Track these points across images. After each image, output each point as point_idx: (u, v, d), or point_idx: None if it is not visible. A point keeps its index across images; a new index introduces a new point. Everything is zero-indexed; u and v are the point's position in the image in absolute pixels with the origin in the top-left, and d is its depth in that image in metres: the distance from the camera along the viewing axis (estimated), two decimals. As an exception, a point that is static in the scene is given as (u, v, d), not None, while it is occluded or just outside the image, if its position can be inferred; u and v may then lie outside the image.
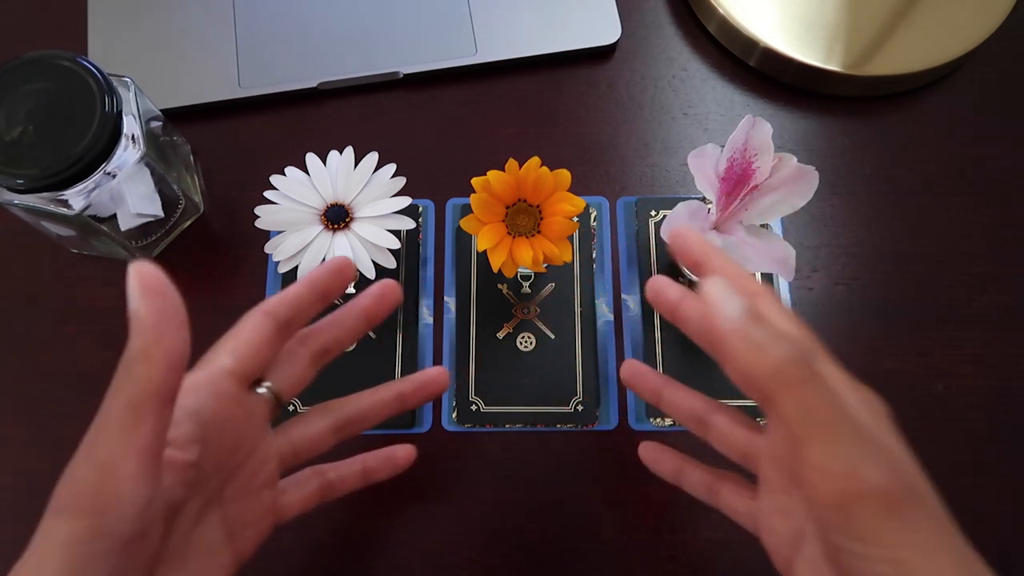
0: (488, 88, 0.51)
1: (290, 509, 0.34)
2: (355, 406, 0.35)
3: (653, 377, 0.34)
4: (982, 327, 0.46)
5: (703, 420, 0.32)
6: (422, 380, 0.36)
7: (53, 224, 0.41)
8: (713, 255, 0.29)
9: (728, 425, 0.31)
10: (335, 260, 0.33)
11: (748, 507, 0.30)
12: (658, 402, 0.34)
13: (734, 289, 0.23)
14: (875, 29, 0.49)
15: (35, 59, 0.39)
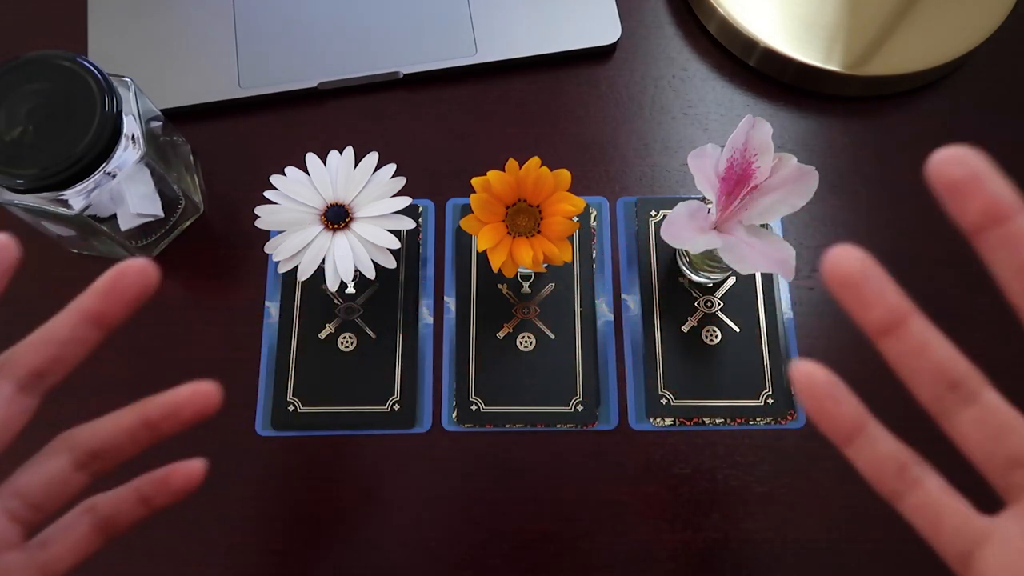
0: (488, 88, 0.51)
1: (61, 563, 0.27)
2: (95, 435, 0.28)
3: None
4: (982, 327, 0.46)
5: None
6: (175, 401, 0.28)
7: (53, 224, 0.41)
8: None
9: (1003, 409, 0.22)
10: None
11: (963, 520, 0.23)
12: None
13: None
14: (875, 29, 0.49)
15: (35, 59, 0.39)
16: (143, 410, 0.28)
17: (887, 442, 0.23)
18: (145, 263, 0.26)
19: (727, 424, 0.44)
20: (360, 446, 0.44)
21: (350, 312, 0.46)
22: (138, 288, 0.26)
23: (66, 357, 0.26)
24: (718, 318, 0.46)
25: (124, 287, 0.26)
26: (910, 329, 0.21)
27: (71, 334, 0.26)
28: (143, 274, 0.26)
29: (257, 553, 0.42)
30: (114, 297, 0.26)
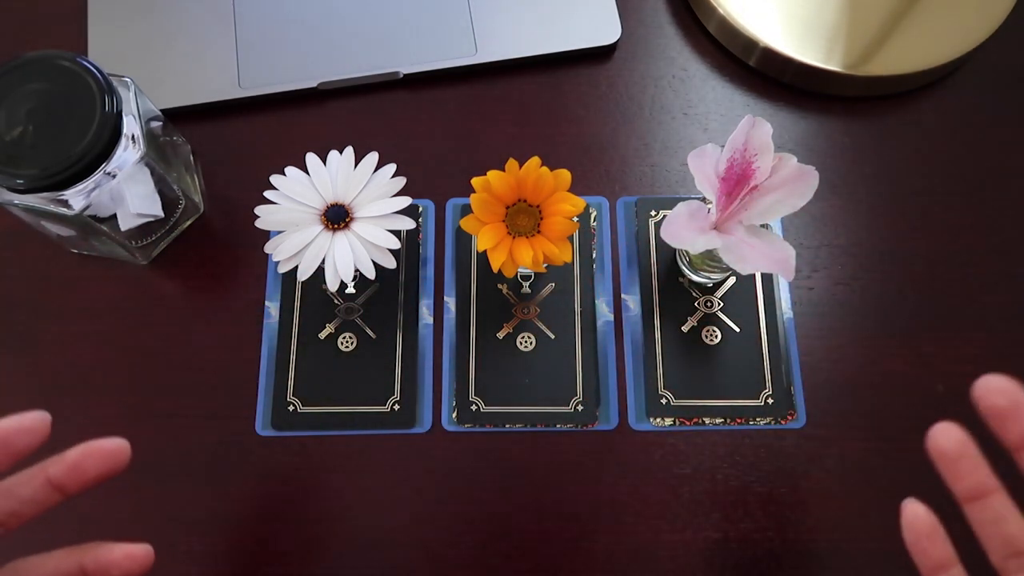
0: (488, 88, 0.51)
1: None
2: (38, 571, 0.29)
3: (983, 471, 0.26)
4: (982, 327, 0.46)
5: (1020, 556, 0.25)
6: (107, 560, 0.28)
7: (53, 224, 0.41)
8: None
9: None
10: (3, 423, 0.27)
11: None
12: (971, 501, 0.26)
13: None
14: (875, 29, 0.49)
15: (35, 59, 0.39)
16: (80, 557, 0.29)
17: None
18: (118, 445, 0.28)
19: (727, 424, 0.44)
20: (360, 446, 0.44)
21: (350, 312, 0.46)
22: (105, 469, 0.28)
23: (23, 513, 0.28)
24: (718, 318, 0.46)
25: (89, 467, 0.28)
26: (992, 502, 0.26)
27: (32, 495, 0.28)
28: (113, 457, 0.28)
29: (257, 553, 0.42)
30: (79, 473, 0.28)
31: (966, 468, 0.26)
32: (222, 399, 0.45)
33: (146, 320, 0.46)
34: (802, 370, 0.45)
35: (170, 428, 0.44)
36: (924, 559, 0.27)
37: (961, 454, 0.26)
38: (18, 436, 0.28)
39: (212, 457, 0.44)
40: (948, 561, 0.27)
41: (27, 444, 0.28)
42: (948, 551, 0.27)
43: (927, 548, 0.27)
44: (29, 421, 0.28)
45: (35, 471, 0.28)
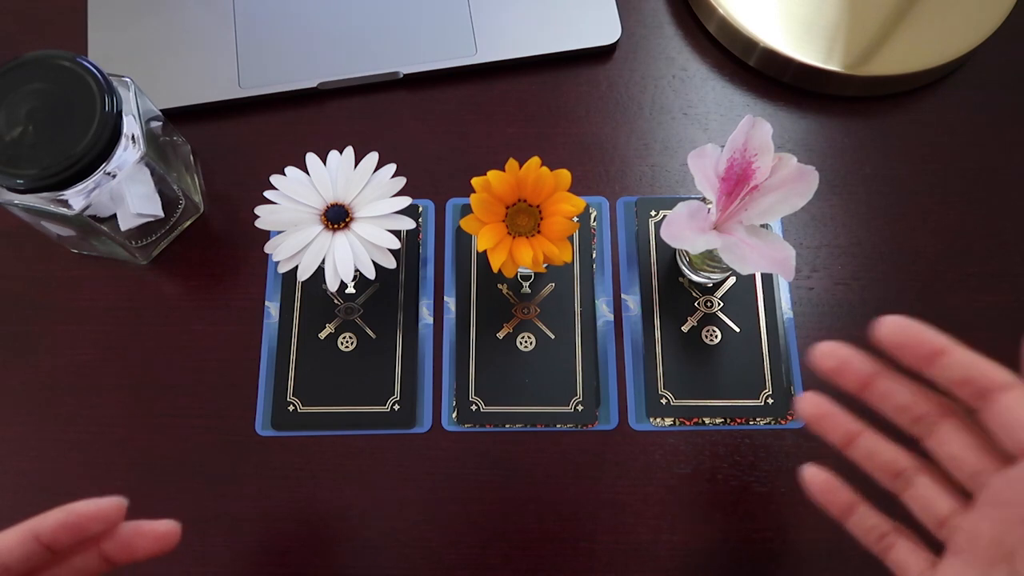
0: (488, 88, 0.51)
1: None
2: None
3: (846, 420, 0.31)
4: (982, 327, 0.46)
5: (902, 475, 0.30)
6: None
7: (53, 224, 0.41)
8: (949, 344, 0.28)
9: (932, 488, 0.29)
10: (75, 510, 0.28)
11: (921, 571, 0.29)
12: (847, 447, 0.31)
13: None
14: (875, 29, 0.49)
15: (35, 59, 0.39)
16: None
17: (872, 518, 0.31)
18: (168, 529, 0.30)
19: (727, 424, 0.44)
20: (360, 446, 0.44)
21: (350, 312, 0.46)
22: (153, 550, 0.30)
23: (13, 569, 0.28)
24: (718, 318, 0.46)
25: (139, 546, 0.29)
26: (860, 443, 0.30)
27: (84, 563, 0.29)
28: (163, 540, 0.30)
29: (257, 553, 0.42)
30: (130, 552, 0.29)
31: (831, 424, 0.31)
32: (222, 399, 0.45)
33: (146, 320, 0.46)
34: (802, 370, 0.45)
35: (170, 428, 0.44)
36: (833, 508, 0.32)
37: (823, 414, 0.31)
38: (93, 523, 0.28)
39: (212, 457, 0.44)
40: (853, 503, 0.31)
41: (99, 530, 0.29)
42: (850, 496, 0.31)
43: (832, 499, 0.31)
44: (106, 508, 0.28)
45: (90, 542, 0.29)
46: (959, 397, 0.28)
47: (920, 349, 0.28)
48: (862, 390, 0.30)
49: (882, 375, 0.29)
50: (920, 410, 0.29)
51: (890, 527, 0.30)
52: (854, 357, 0.30)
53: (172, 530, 0.30)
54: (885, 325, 0.29)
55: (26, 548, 0.27)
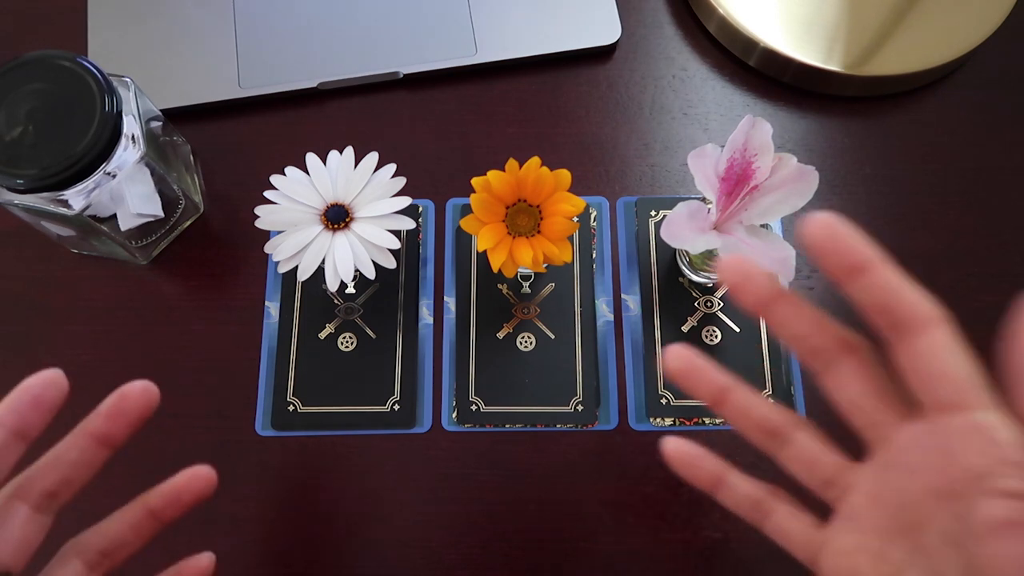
0: (488, 88, 0.51)
1: None
2: (103, 535, 0.30)
3: (714, 375, 0.28)
4: (982, 327, 0.45)
5: (779, 434, 0.27)
6: (174, 489, 0.30)
7: (53, 224, 0.41)
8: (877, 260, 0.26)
9: (813, 444, 0.27)
10: (21, 387, 0.27)
11: (808, 537, 0.27)
12: (718, 405, 0.29)
13: None
14: (875, 29, 0.49)
15: (35, 59, 0.39)
16: (145, 502, 0.30)
17: (744, 485, 0.29)
18: (145, 385, 0.29)
19: (727, 424, 0.44)
20: (360, 446, 0.44)
21: (350, 312, 0.46)
22: (140, 409, 0.29)
23: (76, 478, 0.29)
24: (718, 318, 0.46)
25: (127, 409, 0.28)
26: (731, 399, 0.28)
27: (80, 456, 0.29)
28: (144, 395, 0.29)
29: (257, 553, 0.42)
30: (119, 419, 0.28)
31: (698, 379, 0.28)
32: (222, 399, 0.45)
33: (146, 320, 0.46)
34: (802, 370, 0.45)
35: (170, 428, 0.44)
36: (701, 482, 0.29)
37: (689, 369, 0.28)
38: (44, 389, 0.27)
39: (212, 457, 0.43)
40: (721, 473, 0.29)
41: (54, 397, 0.28)
42: (716, 464, 0.29)
43: (697, 472, 0.29)
44: (48, 375, 0.28)
45: (76, 433, 0.29)
46: (875, 325, 0.25)
47: (845, 258, 0.26)
48: (763, 308, 0.26)
49: (784, 298, 0.26)
50: (818, 342, 0.26)
51: (765, 492, 0.28)
52: (759, 275, 0.27)
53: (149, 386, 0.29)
54: (814, 221, 0.26)
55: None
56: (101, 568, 0.30)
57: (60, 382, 0.28)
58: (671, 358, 0.28)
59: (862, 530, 0.25)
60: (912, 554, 0.23)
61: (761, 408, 0.28)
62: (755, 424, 0.28)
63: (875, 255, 0.26)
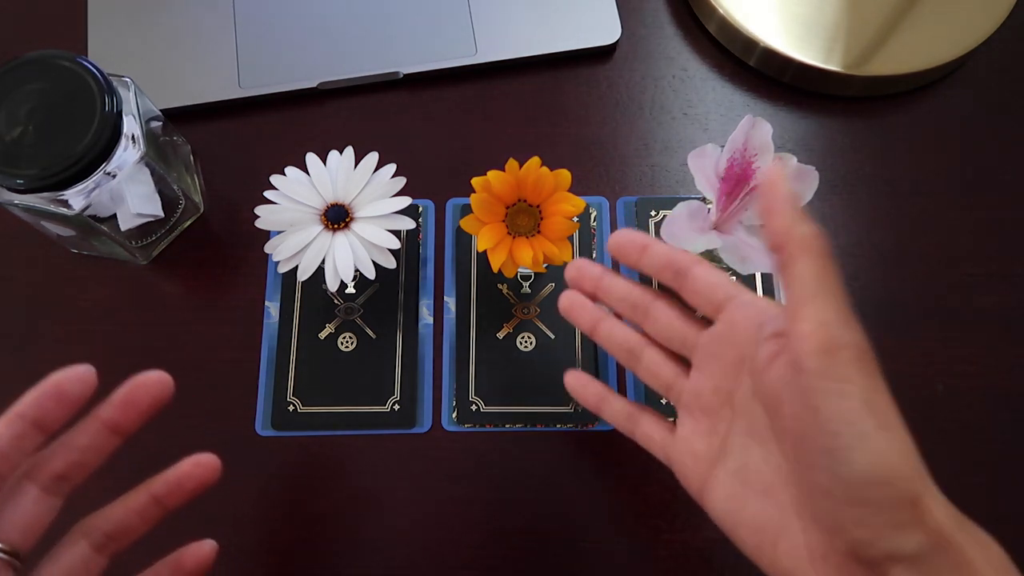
0: (488, 88, 0.51)
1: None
2: (109, 519, 0.30)
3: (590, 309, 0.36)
4: (982, 327, 0.46)
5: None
6: (178, 476, 0.31)
7: (53, 224, 0.41)
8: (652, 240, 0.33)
9: (657, 357, 0.34)
10: (48, 380, 0.28)
11: (664, 437, 0.33)
12: (593, 334, 0.36)
13: None
14: (875, 29, 0.49)
15: (35, 59, 0.39)
16: (150, 489, 0.31)
17: (619, 403, 0.36)
18: (160, 375, 0.30)
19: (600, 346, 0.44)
20: (360, 446, 0.44)
21: (350, 312, 0.46)
22: (153, 399, 0.30)
23: (86, 462, 0.29)
24: (718, 318, 0.45)
25: (139, 399, 0.29)
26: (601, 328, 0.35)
27: (90, 442, 0.29)
28: (158, 385, 0.30)
29: (257, 553, 0.42)
30: (131, 408, 0.29)
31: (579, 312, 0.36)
32: (222, 399, 0.45)
33: (146, 320, 0.46)
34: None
35: (170, 428, 0.44)
36: (588, 402, 0.36)
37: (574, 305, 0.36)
38: (71, 384, 0.28)
39: (212, 457, 0.44)
40: (603, 395, 0.36)
41: (79, 392, 0.28)
42: (600, 388, 0.36)
43: (586, 394, 0.36)
44: (78, 370, 0.28)
45: (88, 419, 0.29)
46: (665, 282, 0.33)
47: (632, 247, 0.33)
48: (596, 290, 0.35)
49: (607, 275, 0.35)
50: (635, 298, 0.34)
51: (634, 408, 0.35)
52: (587, 264, 0.35)
53: (164, 377, 0.30)
54: (610, 238, 0.34)
55: (14, 429, 0.27)
56: (107, 550, 0.30)
57: (88, 379, 0.28)
58: (562, 298, 0.36)
59: (694, 417, 0.32)
60: (731, 420, 0.30)
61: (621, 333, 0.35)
62: (617, 346, 0.35)
63: (649, 238, 0.33)
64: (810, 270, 0.27)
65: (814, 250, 0.27)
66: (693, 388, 0.32)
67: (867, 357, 0.26)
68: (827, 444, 0.25)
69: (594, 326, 0.36)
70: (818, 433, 0.25)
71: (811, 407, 0.25)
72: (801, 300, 0.26)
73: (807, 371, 0.25)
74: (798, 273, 0.27)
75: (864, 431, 0.24)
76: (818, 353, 0.25)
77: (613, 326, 0.35)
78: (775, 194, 0.28)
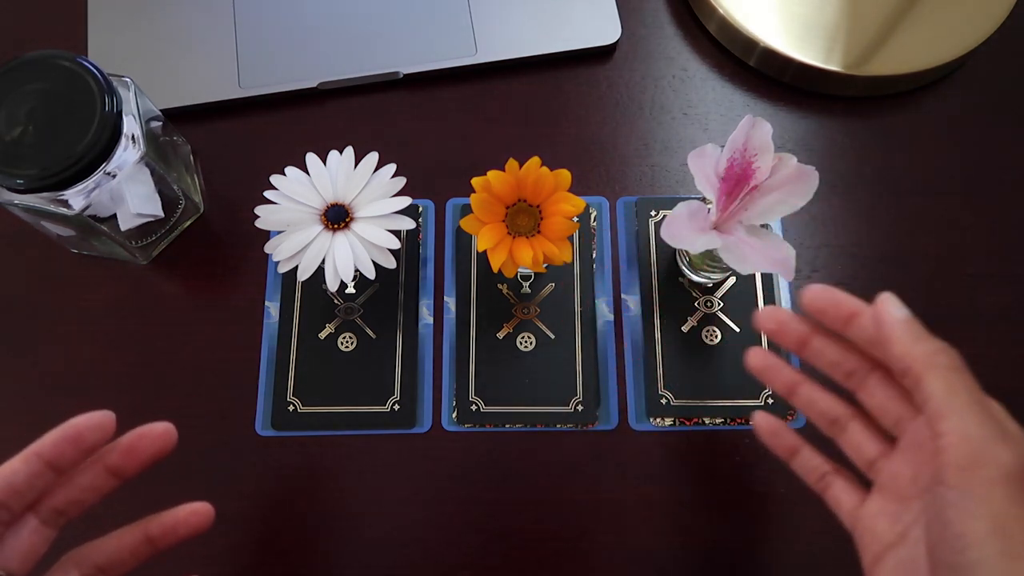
0: (488, 88, 0.51)
1: None
2: (102, 552, 0.32)
3: (788, 372, 0.34)
4: (982, 327, 0.46)
5: (838, 423, 0.33)
6: (174, 521, 0.32)
7: (53, 224, 0.41)
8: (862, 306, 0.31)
9: (862, 432, 0.32)
10: (70, 424, 0.30)
11: (853, 506, 0.32)
12: (789, 396, 0.34)
13: None
14: (875, 29, 0.49)
15: (35, 59, 0.39)
16: (145, 528, 0.32)
17: (814, 459, 0.34)
18: (166, 428, 0.31)
19: (727, 424, 0.44)
20: (360, 446, 0.44)
21: (350, 312, 0.46)
22: (155, 451, 0.31)
23: (84, 500, 0.31)
24: (718, 318, 0.46)
25: (143, 448, 0.31)
26: (801, 391, 0.34)
27: (91, 482, 0.31)
28: (163, 438, 0.31)
29: (257, 553, 0.42)
30: (133, 457, 0.31)
31: (774, 374, 0.34)
32: (222, 399, 0.45)
33: (146, 320, 0.46)
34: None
35: (170, 428, 0.44)
36: (780, 450, 0.35)
37: (767, 366, 0.34)
38: (89, 432, 0.30)
39: (212, 457, 0.44)
40: (797, 446, 0.34)
41: (96, 440, 0.30)
42: (794, 439, 0.34)
43: (778, 442, 0.35)
44: (99, 418, 0.30)
45: (93, 461, 0.31)
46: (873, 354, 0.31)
47: (838, 312, 0.31)
48: (800, 349, 0.33)
49: (816, 334, 0.33)
50: (850, 365, 0.32)
51: (829, 468, 0.33)
52: (791, 319, 0.33)
53: (168, 430, 0.31)
54: (807, 293, 0.32)
55: (31, 468, 0.29)
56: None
57: (108, 427, 0.30)
58: (751, 357, 0.34)
59: (885, 498, 0.30)
60: (917, 514, 0.29)
61: (824, 401, 0.33)
62: (819, 413, 0.33)
63: (859, 303, 0.31)
64: (940, 385, 0.27)
65: (941, 364, 0.27)
66: (892, 471, 0.31)
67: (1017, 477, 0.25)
68: (952, 559, 0.25)
69: (792, 389, 0.34)
70: (947, 548, 0.25)
71: (941, 520, 0.25)
72: (938, 416, 0.26)
73: (944, 484, 0.25)
74: (929, 392, 0.27)
75: (987, 556, 0.24)
76: (956, 467, 0.25)
77: (814, 392, 0.33)
78: (886, 322, 0.28)
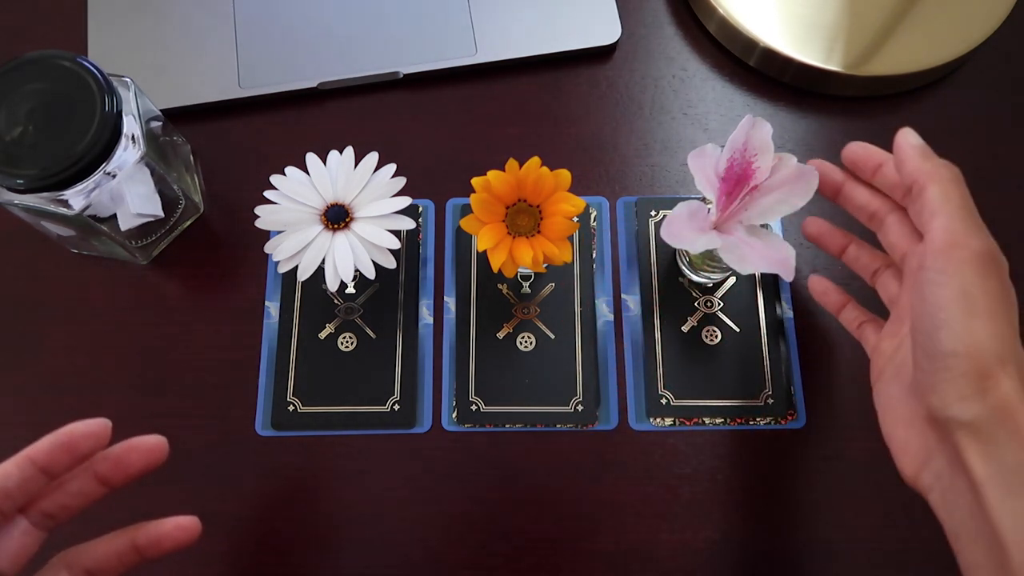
0: (488, 88, 0.51)
1: None
2: (90, 555, 0.32)
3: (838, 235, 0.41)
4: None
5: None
6: (160, 533, 0.32)
7: (53, 224, 0.41)
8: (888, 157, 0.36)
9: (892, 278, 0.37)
10: (64, 431, 0.30)
11: (876, 341, 0.36)
12: (840, 255, 0.40)
13: None
14: (875, 29, 0.49)
15: (35, 59, 0.39)
16: (133, 536, 0.32)
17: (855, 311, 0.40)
18: (156, 441, 0.32)
19: (727, 424, 0.44)
20: (360, 446, 0.44)
21: (350, 312, 0.46)
22: (144, 463, 0.32)
23: (73, 505, 0.32)
24: (718, 318, 0.46)
25: (133, 461, 0.32)
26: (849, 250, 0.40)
27: (80, 488, 0.32)
28: (154, 452, 0.32)
29: (257, 553, 0.42)
30: (121, 468, 0.32)
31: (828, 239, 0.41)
32: (222, 399, 0.45)
33: (146, 320, 0.46)
34: (802, 370, 0.45)
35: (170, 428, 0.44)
36: (830, 305, 0.41)
37: (822, 232, 0.41)
38: (84, 440, 0.30)
39: (212, 457, 0.44)
40: (844, 301, 0.40)
41: (90, 447, 0.30)
42: (841, 296, 0.41)
43: (829, 299, 0.41)
44: (94, 427, 0.30)
45: (83, 468, 0.32)
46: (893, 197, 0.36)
47: (868, 162, 0.36)
48: (836, 196, 0.38)
49: (848, 181, 0.38)
50: (873, 207, 0.37)
51: (865, 318, 0.39)
52: (832, 170, 0.38)
53: (160, 444, 0.32)
54: (847, 148, 0.37)
55: (24, 472, 0.29)
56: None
57: (102, 434, 0.31)
58: (809, 226, 0.42)
59: (891, 324, 0.36)
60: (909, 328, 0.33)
61: (865, 256, 0.39)
62: (862, 266, 0.39)
63: (886, 155, 0.36)
64: (937, 191, 0.31)
65: (941, 176, 0.31)
66: (896, 297, 0.36)
67: (987, 261, 0.30)
68: (926, 325, 0.30)
69: (842, 249, 0.40)
70: (922, 316, 0.30)
71: (921, 296, 0.30)
72: (930, 215, 0.31)
73: (925, 267, 0.30)
74: (927, 198, 0.31)
75: (952, 315, 0.29)
76: (935, 252, 0.30)
77: (859, 249, 0.39)
78: (902, 146, 0.33)
